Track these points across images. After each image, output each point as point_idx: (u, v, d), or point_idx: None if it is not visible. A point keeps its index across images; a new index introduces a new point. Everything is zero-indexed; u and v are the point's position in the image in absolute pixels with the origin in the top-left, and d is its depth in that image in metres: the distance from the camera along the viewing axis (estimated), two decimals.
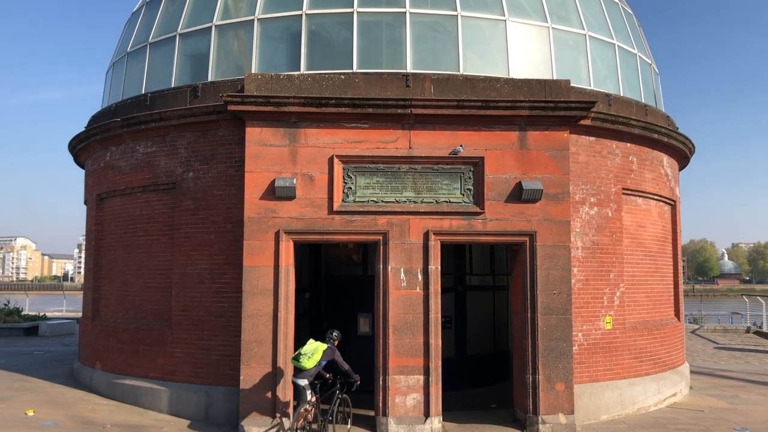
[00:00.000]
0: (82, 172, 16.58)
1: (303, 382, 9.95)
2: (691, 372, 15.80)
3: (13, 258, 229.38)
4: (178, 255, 12.37)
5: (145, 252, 13.04)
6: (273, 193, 11.12)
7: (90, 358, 14.19)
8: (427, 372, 11.09)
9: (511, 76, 12.25)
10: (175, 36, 13.49)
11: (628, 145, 13.21)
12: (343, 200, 11.29)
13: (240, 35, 13.03)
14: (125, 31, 15.85)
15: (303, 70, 12.19)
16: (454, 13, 12.56)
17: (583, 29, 13.59)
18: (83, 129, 14.85)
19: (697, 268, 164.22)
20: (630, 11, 16.00)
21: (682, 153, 15.16)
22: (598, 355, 12.34)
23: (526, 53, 12.97)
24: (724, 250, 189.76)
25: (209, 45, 12.98)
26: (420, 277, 11.25)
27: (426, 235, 11.29)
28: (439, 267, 11.37)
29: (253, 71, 12.39)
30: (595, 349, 12.32)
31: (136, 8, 15.91)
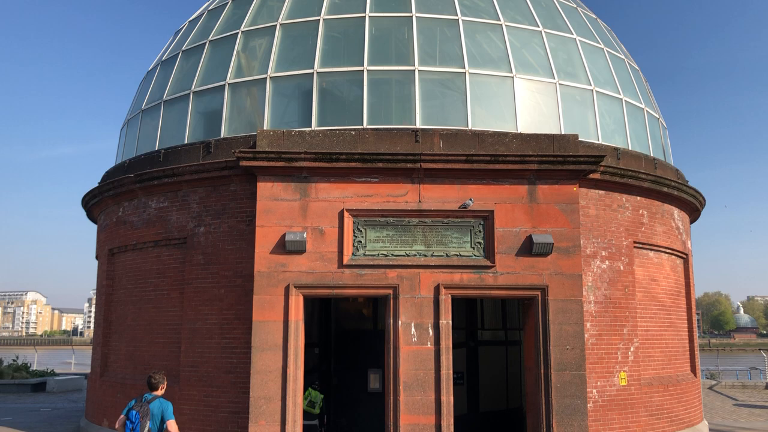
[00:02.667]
0: (93, 227, 16.73)
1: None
2: (710, 430, 15.37)
3: (23, 312, 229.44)
4: (188, 310, 12.33)
5: (154, 307, 13.02)
6: (283, 247, 11.15)
7: (97, 415, 14.01)
8: (438, 430, 10.85)
9: (519, 131, 12.38)
10: (189, 94, 13.79)
11: (638, 198, 13.21)
12: (353, 254, 11.29)
13: (253, 93, 13.30)
14: (140, 89, 16.22)
15: (314, 126, 12.38)
16: (462, 70, 12.80)
17: (590, 85, 13.78)
18: (97, 185, 15.05)
19: (712, 321, 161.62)
20: (636, 67, 16.24)
21: (692, 206, 15.13)
22: (613, 412, 12.05)
23: (534, 108, 13.14)
24: (739, 303, 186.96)
25: (222, 102, 13.24)
26: (431, 332, 11.13)
27: (437, 289, 11.22)
28: (450, 321, 11.26)
29: (265, 127, 12.60)
30: (610, 406, 12.04)
31: (151, 67, 16.32)
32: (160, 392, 8.64)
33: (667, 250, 13.97)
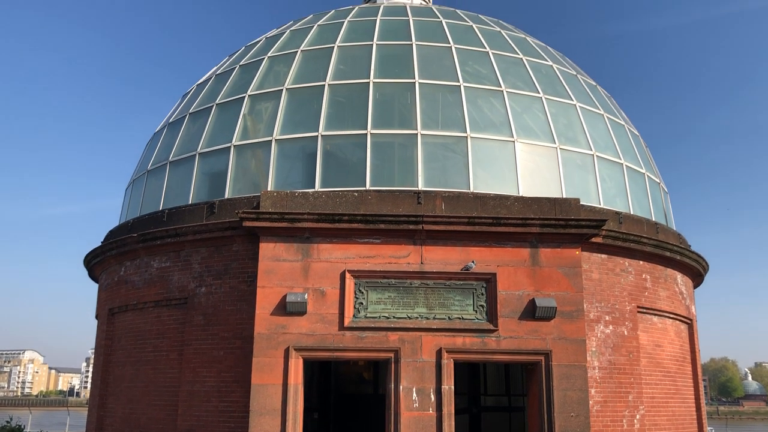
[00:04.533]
0: (94, 286, 16.67)
1: None
2: None
3: (19, 372, 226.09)
4: (186, 372, 12.16)
5: (153, 368, 12.83)
6: (284, 308, 11.07)
7: None
8: None
9: (521, 194, 12.47)
10: (194, 155, 13.98)
11: (641, 262, 13.18)
12: (354, 316, 11.21)
13: (258, 155, 13.48)
14: (146, 150, 16.45)
15: (318, 187, 12.50)
16: (464, 134, 12.99)
17: (591, 149, 13.95)
18: (99, 244, 15.08)
19: (719, 388, 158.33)
20: (636, 132, 16.47)
21: (695, 271, 15.07)
22: None
23: (536, 172, 13.26)
24: (746, 369, 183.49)
25: (227, 163, 13.40)
26: (433, 397, 10.93)
27: (439, 353, 11.07)
28: (453, 387, 11.06)
29: (269, 188, 12.71)
30: None
31: (158, 128, 16.60)
32: None
33: (672, 315, 13.84)
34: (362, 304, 11.27)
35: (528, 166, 13.17)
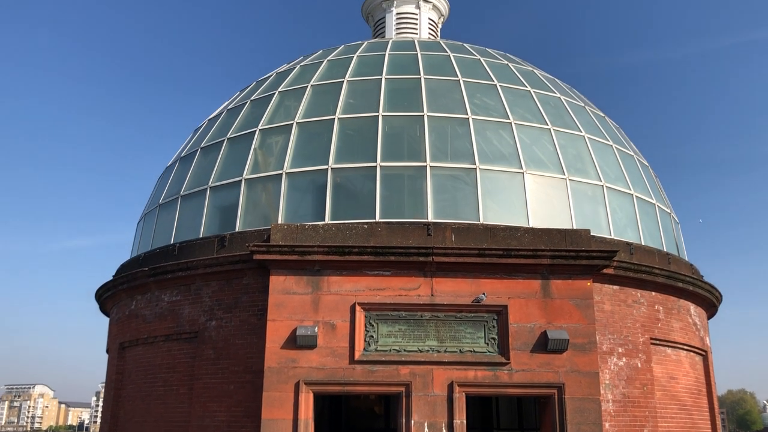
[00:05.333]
0: (105, 320, 16.69)
1: None
2: None
3: (29, 406, 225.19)
4: (196, 406, 12.09)
5: (162, 403, 12.77)
6: (294, 341, 11.03)
7: None
8: None
9: (531, 225, 12.45)
10: (206, 189, 14.09)
11: (653, 293, 13.07)
12: (364, 349, 11.14)
13: (268, 188, 13.57)
14: (158, 184, 16.60)
15: (327, 219, 12.54)
16: (473, 166, 13.04)
17: (600, 180, 13.95)
18: (111, 278, 15.15)
19: (738, 421, 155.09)
20: (645, 163, 16.48)
21: (709, 302, 14.92)
22: None
23: (545, 203, 13.26)
24: (765, 401, 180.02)
25: (238, 197, 13.49)
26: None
27: (450, 387, 10.96)
28: (465, 421, 10.92)
29: (279, 221, 12.76)
30: None
31: (170, 163, 16.78)
32: None
33: (685, 347, 13.67)
34: (372, 337, 11.21)
35: (538, 198, 13.17)
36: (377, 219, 12.38)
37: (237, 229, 13.12)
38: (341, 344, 11.12)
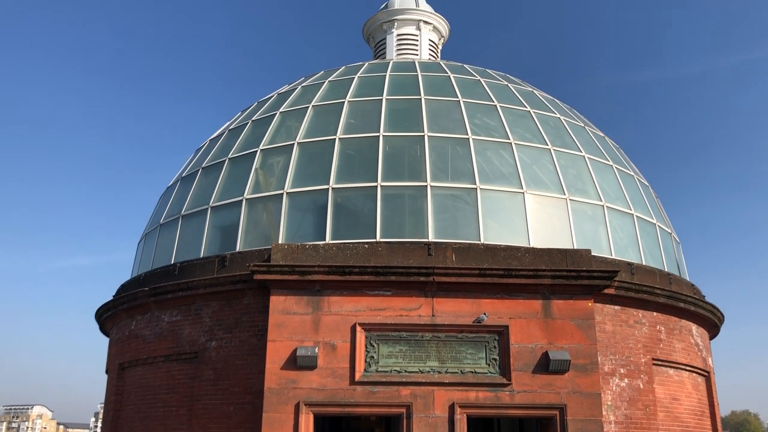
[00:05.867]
0: (105, 340, 16.63)
1: None
2: None
3: (28, 427, 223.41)
4: (196, 428, 11.99)
5: (162, 424, 12.68)
6: (294, 362, 10.98)
7: None
8: None
9: (531, 245, 12.45)
10: (207, 209, 14.11)
11: (655, 314, 13.03)
12: (365, 370, 11.09)
13: (269, 208, 13.59)
14: (159, 204, 16.63)
15: (328, 239, 12.54)
16: (473, 186, 13.07)
17: (601, 200, 13.97)
18: (111, 298, 15.13)
19: None
20: (646, 183, 16.51)
21: (711, 322, 14.86)
22: None
23: (546, 223, 13.26)
24: None
25: (239, 217, 13.50)
26: None
27: (451, 408, 10.89)
28: None
29: (280, 241, 12.76)
30: None
31: (171, 183, 16.82)
32: None
33: (688, 368, 13.59)
34: (373, 357, 11.16)
35: (538, 217, 13.18)
36: (378, 239, 12.38)
37: (238, 249, 13.11)
38: (342, 365, 11.06)
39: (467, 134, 13.98)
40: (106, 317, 15.48)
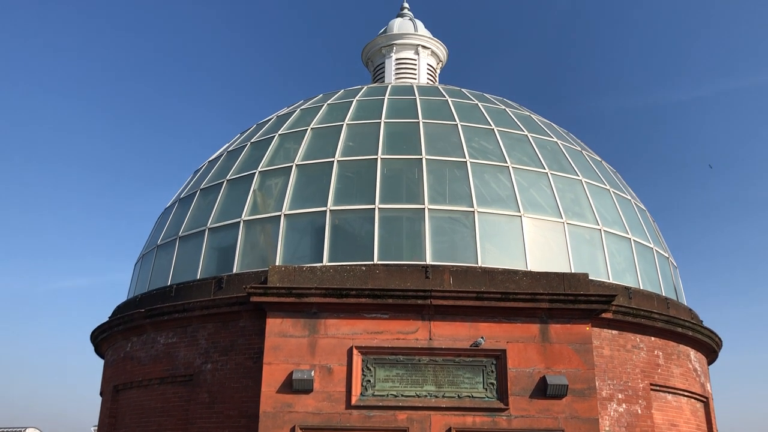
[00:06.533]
0: (96, 361, 16.50)
1: None
2: None
3: None
4: None
5: None
6: (290, 385, 10.90)
7: None
8: None
9: (529, 269, 12.43)
10: (204, 230, 14.10)
11: (653, 339, 12.98)
12: (361, 394, 11.00)
13: (267, 229, 13.58)
14: (157, 225, 16.62)
15: (325, 261, 12.52)
16: (471, 209, 13.09)
17: (598, 224, 13.99)
18: (107, 319, 15.03)
19: None
20: (643, 207, 16.54)
21: (709, 347, 14.80)
22: None
23: (544, 246, 13.26)
24: None
25: (237, 238, 13.48)
26: None
27: None
28: None
29: (277, 263, 12.74)
30: None
31: (169, 204, 16.82)
32: None
33: (686, 393, 13.51)
34: (370, 381, 11.08)
35: (536, 241, 13.18)
36: (375, 261, 12.37)
37: (235, 271, 13.08)
38: (338, 389, 10.98)
39: (465, 157, 14.04)
40: (101, 339, 15.38)
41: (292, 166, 14.21)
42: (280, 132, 15.71)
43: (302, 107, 17.03)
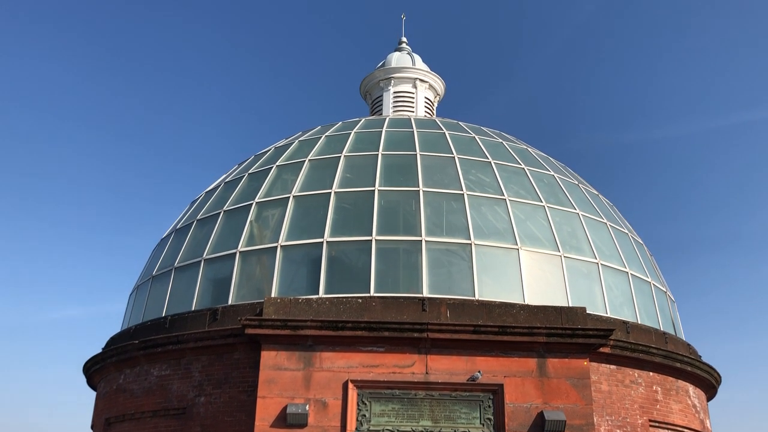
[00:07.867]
0: (88, 393, 16.25)
1: None
2: None
3: None
4: None
5: None
6: (284, 420, 10.73)
7: None
8: None
9: (526, 302, 12.36)
10: (200, 261, 14.03)
11: (651, 374, 12.86)
12: (356, 429, 10.84)
13: (263, 260, 13.52)
14: (152, 256, 16.53)
15: (321, 293, 12.44)
16: (468, 241, 13.06)
17: (595, 258, 13.95)
18: (100, 351, 14.86)
19: None
20: (640, 241, 16.53)
21: (708, 383, 14.66)
22: None
23: (541, 279, 13.20)
24: None
25: (232, 270, 13.41)
26: None
27: None
28: None
29: (273, 294, 12.65)
30: None
31: (165, 234, 16.77)
32: None
33: (686, 430, 13.33)
34: (365, 416, 10.93)
35: (533, 274, 13.13)
36: (372, 293, 12.29)
37: (230, 302, 12.98)
38: (332, 423, 10.82)
39: (462, 190, 14.05)
40: (94, 370, 15.18)
41: (289, 197, 14.21)
42: (277, 163, 15.75)
43: (300, 139, 17.10)
